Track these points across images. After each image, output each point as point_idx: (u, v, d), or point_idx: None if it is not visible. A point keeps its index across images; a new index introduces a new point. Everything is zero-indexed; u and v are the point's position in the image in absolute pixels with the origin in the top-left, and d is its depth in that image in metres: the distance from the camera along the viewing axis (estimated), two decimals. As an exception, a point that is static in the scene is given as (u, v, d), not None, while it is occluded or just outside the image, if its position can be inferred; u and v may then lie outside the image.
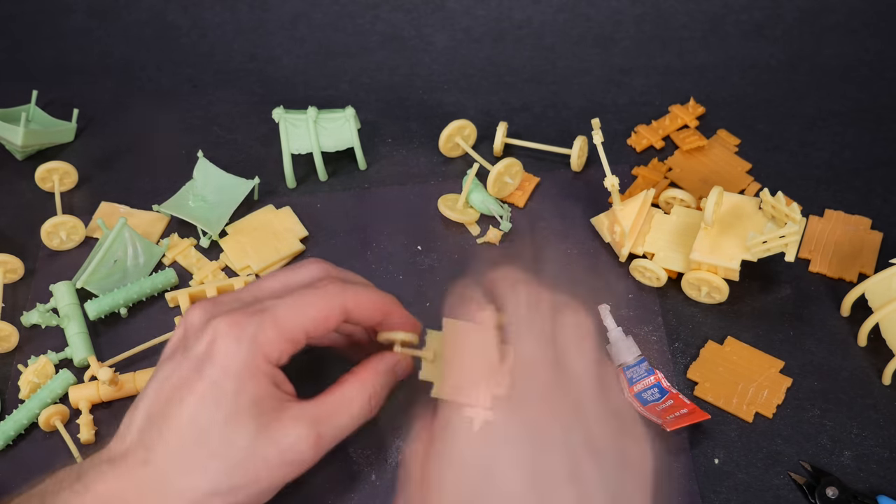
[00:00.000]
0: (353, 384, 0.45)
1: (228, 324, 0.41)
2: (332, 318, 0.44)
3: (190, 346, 0.42)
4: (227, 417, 0.40)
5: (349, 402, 0.44)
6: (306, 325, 0.43)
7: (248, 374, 0.41)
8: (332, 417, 0.43)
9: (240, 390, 0.40)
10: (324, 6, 0.78)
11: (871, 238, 0.58)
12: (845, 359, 0.53)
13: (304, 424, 0.42)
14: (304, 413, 0.42)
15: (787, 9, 0.73)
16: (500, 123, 0.65)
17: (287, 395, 0.43)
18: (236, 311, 0.42)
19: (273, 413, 0.41)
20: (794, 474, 0.48)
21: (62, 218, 0.61)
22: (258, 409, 0.41)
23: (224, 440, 0.40)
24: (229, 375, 0.40)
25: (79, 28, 0.79)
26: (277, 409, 0.42)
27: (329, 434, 0.43)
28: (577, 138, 0.64)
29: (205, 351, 0.41)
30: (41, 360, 0.55)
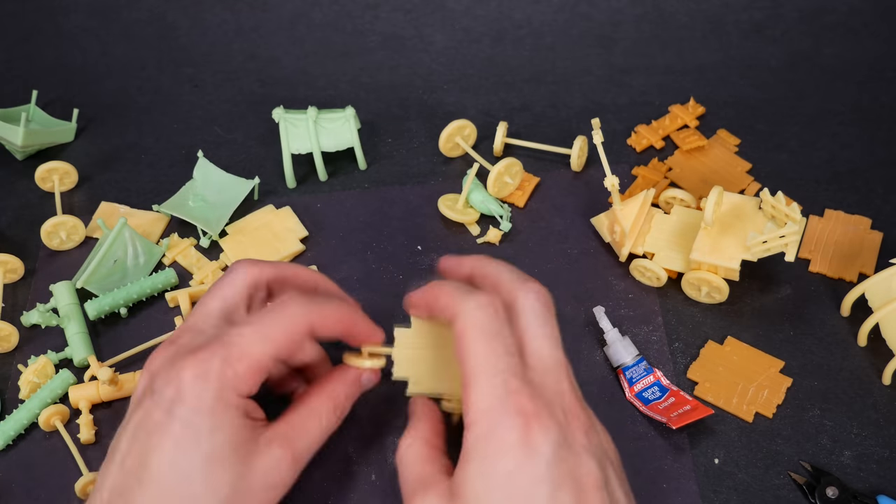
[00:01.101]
0: (320, 396, 0.45)
1: (194, 364, 0.40)
2: (299, 339, 0.43)
3: (157, 391, 0.40)
4: (207, 457, 0.39)
5: (317, 415, 0.44)
6: (273, 351, 0.42)
7: (220, 409, 0.40)
8: (303, 433, 0.43)
9: (215, 427, 0.40)
10: (324, 6, 0.78)
11: (871, 238, 0.58)
12: (845, 359, 0.53)
13: (279, 445, 0.42)
14: (276, 435, 0.42)
15: (787, 9, 0.73)
16: (501, 123, 0.65)
17: (259, 421, 0.42)
18: (200, 348, 0.41)
19: (249, 444, 0.41)
20: (794, 474, 0.48)
21: (62, 218, 0.61)
22: (235, 442, 0.40)
23: (207, 480, 0.39)
24: (202, 414, 0.40)
25: (79, 28, 0.79)
26: (252, 438, 0.41)
27: (303, 449, 0.43)
28: (577, 138, 0.64)
29: (174, 393, 0.40)
30: (41, 359, 0.55)
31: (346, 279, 0.59)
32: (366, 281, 0.59)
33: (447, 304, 0.41)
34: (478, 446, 0.37)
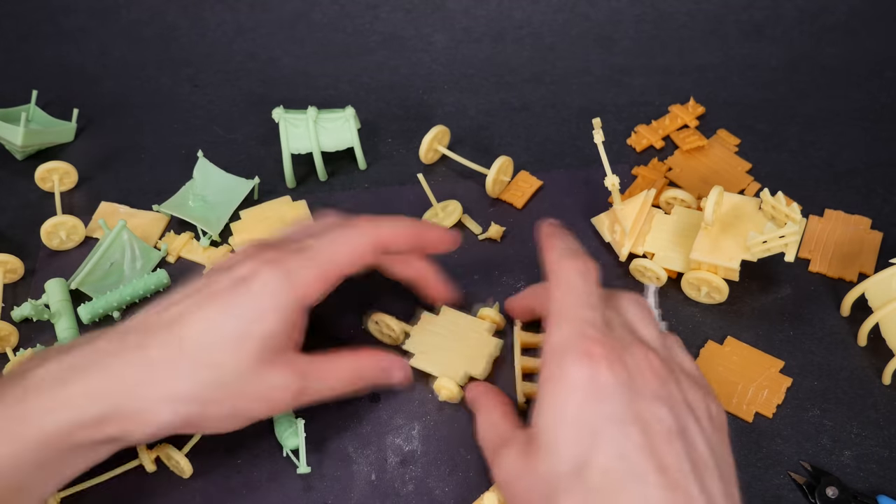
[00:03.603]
0: (349, 358, 0.47)
1: (274, 258, 0.43)
2: (369, 253, 0.46)
3: (234, 268, 0.44)
4: (238, 336, 0.42)
5: (340, 370, 0.46)
6: (344, 262, 0.45)
7: (274, 308, 0.42)
8: (318, 378, 0.45)
9: (260, 319, 0.42)
10: (324, 6, 0.78)
11: (871, 238, 0.58)
12: (845, 359, 0.53)
13: (295, 373, 0.44)
14: (298, 362, 0.44)
15: (787, 9, 0.73)
16: (434, 127, 0.64)
17: (294, 340, 0.45)
18: (282, 247, 0.44)
19: (274, 353, 0.43)
20: (794, 474, 0.48)
21: (62, 218, 0.61)
22: (265, 343, 0.42)
23: (224, 354, 0.42)
24: (258, 304, 0.42)
25: (79, 28, 0.79)
26: (280, 350, 0.43)
27: (312, 390, 0.45)
28: (498, 158, 0.62)
29: (246, 275, 0.43)
30: (28, 353, 0.55)
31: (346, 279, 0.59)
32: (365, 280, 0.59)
33: (549, 260, 0.43)
34: (547, 385, 0.38)
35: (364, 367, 0.47)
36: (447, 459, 0.50)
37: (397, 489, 0.49)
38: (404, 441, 0.51)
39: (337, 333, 0.56)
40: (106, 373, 0.41)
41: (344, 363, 0.47)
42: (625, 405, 0.36)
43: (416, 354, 0.52)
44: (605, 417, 0.36)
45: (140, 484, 0.50)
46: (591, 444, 0.36)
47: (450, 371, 0.51)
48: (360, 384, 0.47)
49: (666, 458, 0.35)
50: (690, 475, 0.36)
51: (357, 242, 0.46)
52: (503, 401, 0.46)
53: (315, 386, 0.45)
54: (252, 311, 0.42)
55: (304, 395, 0.44)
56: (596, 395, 0.36)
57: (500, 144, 0.68)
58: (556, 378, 0.38)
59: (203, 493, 0.49)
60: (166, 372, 0.41)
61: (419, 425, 0.51)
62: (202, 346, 0.42)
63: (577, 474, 0.36)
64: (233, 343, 0.42)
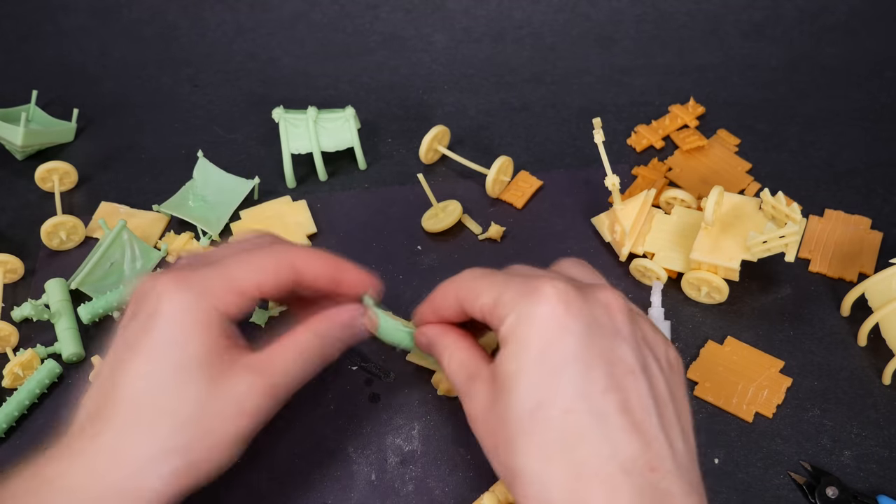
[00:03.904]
0: (306, 332, 0.43)
1: (175, 279, 0.40)
2: (282, 273, 0.42)
3: (140, 308, 0.40)
4: (176, 370, 0.39)
5: (300, 349, 0.43)
6: (255, 278, 0.41)
7: (196, 323, 0.39)
8: (283, 366, 0.42)
9: (188, 341, 0.39)
10: (324, 6, 0.78)
11: (871, 238, 0.58)
12: (845, 359, 0.53)
13: (255, 373, 0.40)
14: (254, 362, 0.41)
15: (787, 9, 0.73)
16: (434, 127, 0.64)
17: (238, 346, 0.41)
18: (184, 268, 0.41)
19: (224, 365, 0.40)
20: (794, 474, 0.48)
21: (62, 218, 0.61)
22: (209, 360, 0.39)
23: (174, 394, 0.39)
24: (177, 326, 0.39)
25: (79, 28, 0.79)
26: (228, 360, 0.40)
27: (280, 382, 0.41)
28: (498, 158, 0.62)
29: (153, 309, 0.39)
30: (28, 353, 0.55)
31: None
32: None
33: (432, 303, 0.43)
34: (513, 328, 0.37)
35: (326, 334, 0.44)
36: (447, 459, 0.50)
37: (397, 489, 0.49)
38: (404, 441, 0.51)
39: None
40: (79, 470, 0.38)
41: (302, 338, 0.43)
42: (588, 342, 0.35)
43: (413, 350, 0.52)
44: (568, 356, 0.35)
45: (140, 484, 0.50)
46: (553, 383, 0.35)
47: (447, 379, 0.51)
48: (330, 353, 0.44)
49: (629, 398, 0.35)
50: (653, 414, 0.35)
51: (268, 262, 0.42)
52: (463, 335, 0.43)
53: (283, 377, 0.42)
54: (175, 339, 0.39)
55: (275, 391, 0.41)
56: (560, 331, 0.36)
57: (500, 144, 0.68)
58: (520, 320, 0.36)
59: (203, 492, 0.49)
60: (131, 442, 0.38)
61: (419, 425, 0.51)
62: (150, 398, 0.39)
63: (538, 415, 0.35)
64: (175, 378, 0.39)
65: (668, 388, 0.37)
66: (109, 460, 0.38)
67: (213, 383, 0.39)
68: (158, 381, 0.39)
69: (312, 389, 0.53)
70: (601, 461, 0.34)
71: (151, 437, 0.38)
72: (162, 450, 0.38)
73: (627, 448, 0.34)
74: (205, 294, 0.40)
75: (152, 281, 0.40)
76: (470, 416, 0.39)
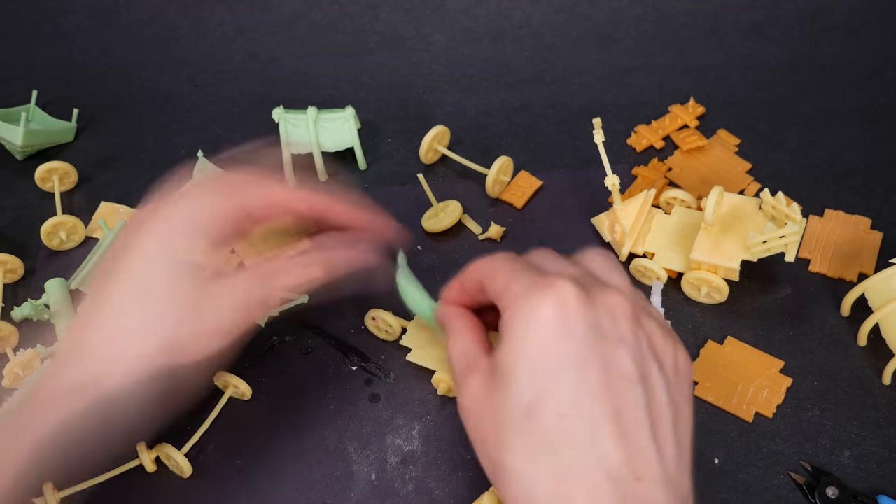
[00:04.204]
0: (314, 248, 0.45)
1: (200, 185, 0.44)
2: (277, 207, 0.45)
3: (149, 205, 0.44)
4: (174, 266, 0.41)
5: (303, 262, 0.45)
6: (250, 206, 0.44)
7: (206, 223, 0.42)
8: (282, 275, 0.44)
9: (208, 227, 0.42)
10: (324, 6, 0.78)
11: (871, 238, 0.58)
12: (845, 359, 0.53)
13: (255, 277, 0.43)
14: (256, 269, 0.43)
15: (787, 9, 0.73)
16: (434, 127, 0.64)
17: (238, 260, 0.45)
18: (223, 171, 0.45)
19: (225, 268, 0.43)
20: (794, 474, 0.48)
21: (62, 218, 0.61)
22: (212, 256, 0.42)
23: (170, 280, 0.41)
24: (189, 219, 0.42)
25: (79, 28, 0.79)
26: (230, 264, 0.44)
27: (278, 289, 0.44)
28: (498, 158, 0.62)
29: (166, 207, 0.43)
30: (28, 353, 0.55)
31: (346, 279, 0.59)
32: (366, 281, 0.59)
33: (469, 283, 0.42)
34: (513, 322, 0.36)
35: (330, 252, 0.46)
36: (447, 459, 0.50)
37: (397, 489, 0.49)
38: (404, 441, 0.51)
39: (337, 333, 0.56)
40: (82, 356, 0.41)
41: (307, 251, 0.45)
42: (588, 347, 0.35)
43: (413, 349, 0.52)
44: (566, 358, 0.35)
45: (140, 484, 0.50)
46: (548, 385, 0.35)
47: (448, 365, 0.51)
48: (330, 272, 0.45)
49: (622, 406, 0.35)
50: (645, 425, 0.35)
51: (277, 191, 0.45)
52: (474, 324, 0.43)
53: (280, 285, 0.44)
54: (185, 228, 0.42)
55: (271, 287, 0.43)
56: (561, 333, 0.35)
57: (500, 144, 0.68)
58: (521, 314, 0.36)
59: (203, 493, 0.49)
60: (119, 315, 0.41)
61: (419, 425, 0.51)
62: (145, 279, 0.41)
63: (530, 414, 0.35)
64: (176, 267, 0.41)
65: (669, 394, 0.37)
66: (105, 332, 0.41)
67: (214, 279, 0.42)
68: (160, 265, 0.41)
69: (312, 389, 0.53)
70: (587, 467, 0.34)
71: (138, 312, 0.41)
72: (154, 321, 0.41)
73: (614, 455, 0.34)
74: (234, 193, 0.43)
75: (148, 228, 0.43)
76: (462, 405, 0.39)
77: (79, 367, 0.41)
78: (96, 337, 0.41)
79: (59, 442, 0.40)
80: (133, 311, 0.41)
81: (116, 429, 0.43)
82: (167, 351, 0.41)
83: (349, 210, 0.47)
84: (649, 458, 0.34)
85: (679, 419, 0.37)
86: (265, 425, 0.52)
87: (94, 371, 0.40)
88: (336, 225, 0.47)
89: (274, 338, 0.56)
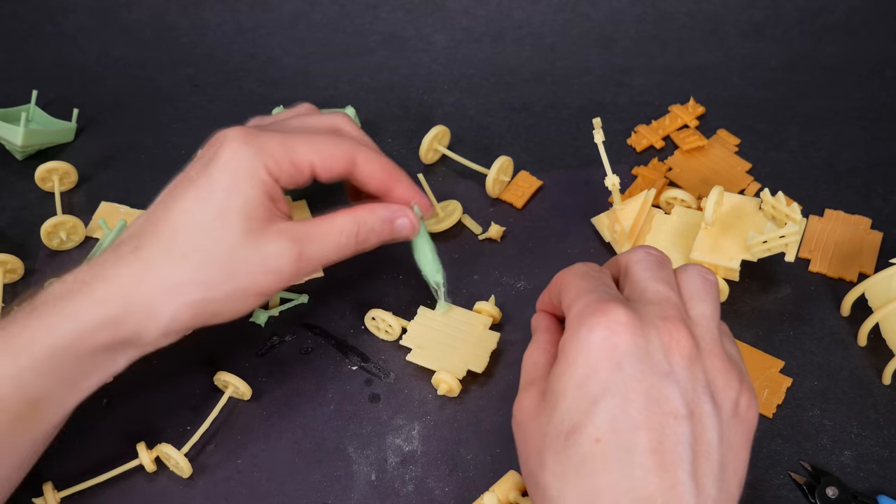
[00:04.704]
0: (346, 215, 0.47)
1: (240, 132, 0.44)
2: (339, 163, 0.46)
3: (206, 151, 0.45)
4: (218, 213, 0.43)
5: (338, 230, 0.46)
6: (313, 158, 0.45)
7: (245, 176, 0.43)
8: (317, 239, 0.45)
9: (234, 189, 0.43)
10: (324, 6, 0.78)
11: (871, 238, 0.58)
12: (845, 359, 0.53)
13: (288, 239, 0.44)
14: (290, 229, 0.44)
15: (786, 9, 0.73)
16: (434, 127, 0.64)
17: (280, 212, 0.45)
18: (253, 127, 0.45)
19: (261, 221, 0.43)
20: (794, 474, 0.48)
21: (62, 218, 0.61)
22: (248, 213, 0.43)
23: (210, 234, 0.43)
24: (229, 173, 0.43)
25: (79, 28, 0.79)
26: (267, 219, 0.44)
27: (311, 254, 0.45)
28: (498, 158, 0.62)
29: (213, 154, 0.44)
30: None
31: (346, 278, 0.59)
32: (365, 280, 0.59)
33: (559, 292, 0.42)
34: (565, 348, 0.37)
35: (364, 221, 0.47)
36: (447, 459, 0.50)
37: (397, 489, 0.49)
38: (404, 441, 0.51)
39: (337, 333, 0.56)
40: (106, 281, 0.42)
41: (341, 220, 0.46)
42: (635, 378, 0.35)
43: (413, 349, 0.52)
44: (609, 386, 0.35)
45: (140, 484, 0.50)
46: (589, 410, 0.35)
47: (449, 365, 0.51)
48: (365, 240, 0.47)
49: (664, 440, 0.34)
50: (685, 461, 0.34)
51: (331, 150, 0.46)
52: (550, 336, 0.43)
53: (314, 248, 0.45)
54: (225, 184, 0.43)
55: (304, 259, 0.44)
56: (607, 362, 0.35)
57: (500, 144, 0.68)
58: (574, 340, 0.36)
59: (203, 493, 0.49)
60: (161, 266, 0.42)
61: (419, 425, 0.51)
62: (188, 232, 0.43)
63: (569, 437, 0.35)
64: (216, 221, 0.43)
65: (721, 435, 0.36)
66: (138, 277, 0.42)
67: (247, 235, 0.43)
68: (199, 220, 0.43)
69: (312, 389, 0.53)
70: (617, 493, 0.34)
71: (180, 266, 0.42)
72: (187, 279, 0.42)
73: (647, 487, 0.34)
74: (262, 153, 0.44)
75: (224, 131, 0.45)
76: (515, 418, 0.40)
77: (124, 322, 0.42)
78: (139, 287, 0.42)
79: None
80: (176, 264, 0.42)
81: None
82: (199, 314, 0.43)
83: (411, 189, 0.49)
84: (685, 494, 0.34)
85: (729, 461, 0.37)
86: (265, 425, 0.52)
87: (137, 328, 0.42)
88: (387, 200, 0.49)
89: (274, 338, 0.56)
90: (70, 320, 0.41)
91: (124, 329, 0.42)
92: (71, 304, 0.42)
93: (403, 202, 0.49)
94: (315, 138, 0.46)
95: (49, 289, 0.43)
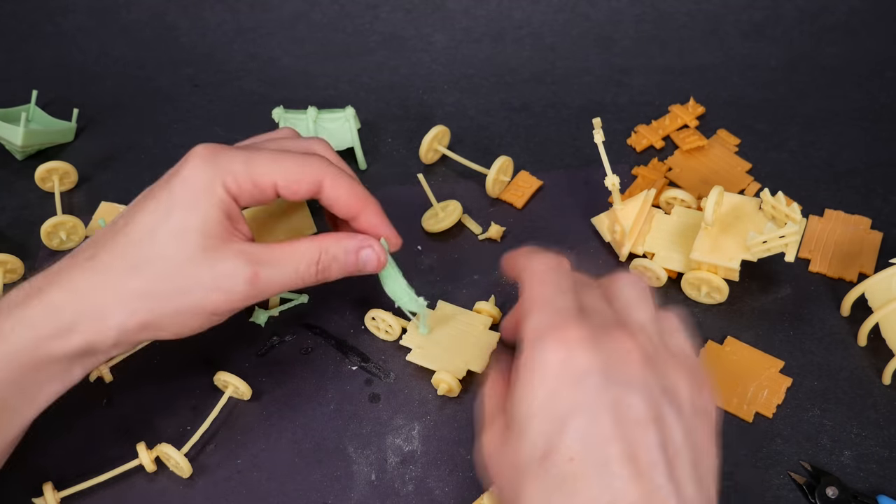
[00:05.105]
0: (310, 241, 0.46)
1: (205, 150, 0.44)
2: (304, 184, 0.45)
3: (171, 169, 0.45)
4: (174, 228, 0.43)
5: (298, 255, 0.45)
6: (276, 177, 0.45)
7: (204, 193, 0.43)
8: (275, 263, 0.45)
9: (192, 206, 0.43)
10: (324, 6, 0.78)
11: (871, 238, 0.58)
12: (845, 359, 0.53)
13: (245, 260, 0.43)
14: (248, 250, 0.44)
15: (786, 9, 0.73)
16: (434, 127, 0.64)
17: (238, 232, 0.45)
18: (221, 145, 0.45)
19: (218, 240, 0.43)
20: (794, 474, 0.48)
21: (62, 218, 0.61)
22: (204, 229, 0.43)
23: (164, 248, 0.42)
24: (187, 189, 0.43)
25: (79, 28, 0.79)
26: (223, 238, 0.43)
27: (267, 278, 0.44)
28: (498, 158, 0.62)
29: (176, 169, 0.44)
30: None
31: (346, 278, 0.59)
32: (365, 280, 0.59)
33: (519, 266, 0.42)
34: (522, 372, 0.37)
35: (326, 249, 0.46)
36: (447, 459, 0.50)
37: (397, 489, 0.49)
38: (404, 441, 0.51)
39: (337, 333, 0.56)
40: (60, 287, 0.42)
41: (303, 246, 0.46)
42: (597, 392, 0.35)
43: (413, 349, 0.52)
44: (575, 404, 0.35)
45: (140, 484, 0.50)
46: (559, 431, 0.35)
47: (449, 365, 0.51)
48: (326, 268, 0.46)
49: (636, 448, 0.35)
50: (660, 465, 0.35)
51: (295, 170, 0.45)
52: (506, 368, 0.43)
53: (272, 272, 0.44)
54: (183, 200, 0.43)
55: (259, 281, 0.44)
56: (568, 380, 0.35)
57: (500, 144, 0.68)
58: (530, 363, 0.37)
59: (203, 493, 0.49)
60: (114, 274, 0.42)
61: (419, 425, 0.51)
62: (144, 245, 0.43)
63: (544, 461, 0.35)
64: (171, 235, 0.43)
65: (687, 434, 0.36)
66: (91, 285, 0.42)
67: (202, 251, 0.43)
68: (155, 233, 0.43)
69: (312, 389, 0.53)
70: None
71: (132, 276, 0.42)
72: (137, 290, 0.42)
73: (627, 496, 0.34)
74: (222, 171, 0.44)
75: (196, 147, 0.45)
76: (484, 454, 0.39)
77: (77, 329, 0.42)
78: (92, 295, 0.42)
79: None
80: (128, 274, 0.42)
81: None
82: (148, 326, 0.43)
83: (378, 217, 0.49)
84: (666, 497, 0.34)
85: (700, 459, 0.37)
86: (265, 425, 0.52)
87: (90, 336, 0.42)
88: (353, 226, 0.49)
89: (274, 338, 0.56)
90: (26, 328, 0.41)
91: (77, 337, 0.42)
92: (27, 311, 0.42)
93: (369, 229, 0.48)
94: (281, 157, 0.45)
95: (6, 297, 0.43)
